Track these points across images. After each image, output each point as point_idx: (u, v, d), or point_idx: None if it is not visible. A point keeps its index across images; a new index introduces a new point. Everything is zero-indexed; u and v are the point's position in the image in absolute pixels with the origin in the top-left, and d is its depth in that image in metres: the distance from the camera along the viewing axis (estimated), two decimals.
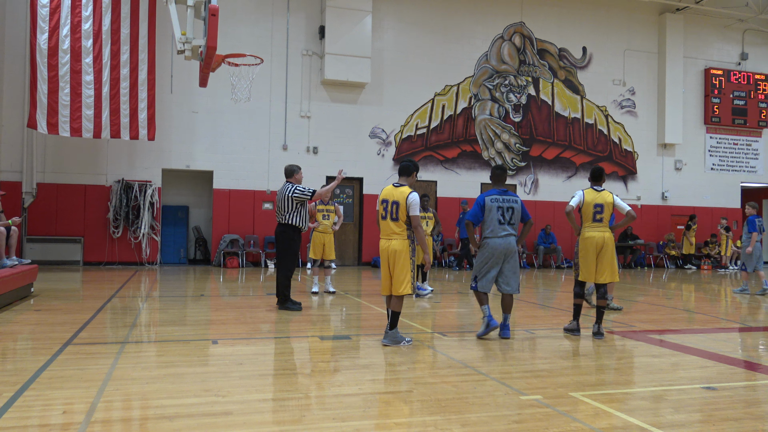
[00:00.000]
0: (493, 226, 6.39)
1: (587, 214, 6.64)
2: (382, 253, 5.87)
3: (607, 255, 6.56)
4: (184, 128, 16.20)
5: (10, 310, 7.67)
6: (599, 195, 6.66)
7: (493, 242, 6.38)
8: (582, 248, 6.64)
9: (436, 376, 4.76)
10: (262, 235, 16.56)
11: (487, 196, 6.49)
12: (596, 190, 6.72)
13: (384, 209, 5.86)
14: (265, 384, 4.44)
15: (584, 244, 6.61)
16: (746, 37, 21.71)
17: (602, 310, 6.65)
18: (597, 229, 6.59)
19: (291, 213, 8.07)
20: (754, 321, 8.51)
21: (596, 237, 6.55)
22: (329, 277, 10.31)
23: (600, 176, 6.80)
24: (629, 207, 6.75)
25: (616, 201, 6.73)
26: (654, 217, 20.41)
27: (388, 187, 5.97)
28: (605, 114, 20.07)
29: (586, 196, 6.65)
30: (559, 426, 3.59)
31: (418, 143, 18.09)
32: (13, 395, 3.96)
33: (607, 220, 6.65)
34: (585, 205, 6.63)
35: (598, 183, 6.79)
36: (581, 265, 6.64)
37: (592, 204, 6.61)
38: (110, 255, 15.56)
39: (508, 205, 6.42)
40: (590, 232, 6.59)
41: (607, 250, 6.56)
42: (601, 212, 6.60)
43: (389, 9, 17.87)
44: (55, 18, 13.90)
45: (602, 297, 6.66)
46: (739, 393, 4.52)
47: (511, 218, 6.42)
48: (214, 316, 7.96)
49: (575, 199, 6.67)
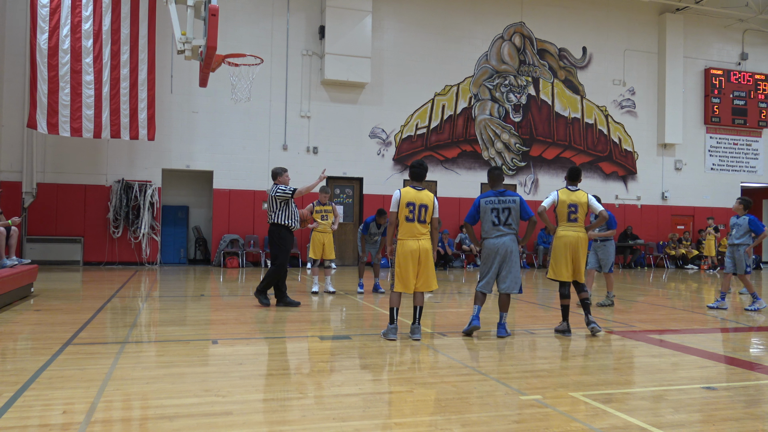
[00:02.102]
0: (487, 227, 6.48)
1: (562, 214, 6.75)
2: (412, 253, 6.05)
3: (581, 254, 6.67)
4: (184, 128, 16.20)
5: (10, 310, 7.67)
6: (574, 195, 6.76)
7: (488, 243, 6.49)
8: (555, 247, 6.74)
9: (436, 376, 4.76)
10: (262, 235, 16.56)
11: (483, 198, 6.56)
12: (571, 190, 6.81)
13: (410, 212, 6.05)
14: (265, 384, 4.44)
15: (558, 243, 6.72)
16: (746, 37, 21.71)
17: (587, 302, 6.78)
18: (572, 229, 6.71)
19: (278, 212, 8.44)
20: (754, 321, 8.51)
21: (570, 236, 6.66)
22: (329, 277, 10.33)
23: (577, 176, 6.89)
24: (602, 207, 6.80)
25: (590, 201, 6.80)
26: (654, 217, 20.42)
27: (410, 191, 6.15)
28: (605, 114, 20.08)
29: (561, 196, 6.75)
30: (559, 426, 3.59)
31: (418, 143, 18.09)
32: (13, 395, 3.96)
33: (582, 219, 6.76)
34: (559, 205, 6.74)
35: (574, 183, 6.87)
36: (553, 263, 6.74)
37: (567, 204, 6.71)
38: (110, 255, 15.56)
39: (504, 206, 6.45)
40: (564, 231, 6.70)
41: (580, 250, 6.66)
42: (575, 212, 6.70)
43: (389, 9, 17.87)
44: (55, 18, 13.90)
45: (583, 290, 6.79)
46: (739, 393, 4.52)
47: (507, 219, 6.45)
48: (214, 316, 7.96)
49: (549, 200, 6.78)
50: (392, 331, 6.16)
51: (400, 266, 6.09)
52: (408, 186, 6.24)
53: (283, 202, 8.42)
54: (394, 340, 6.08)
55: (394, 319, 6.19)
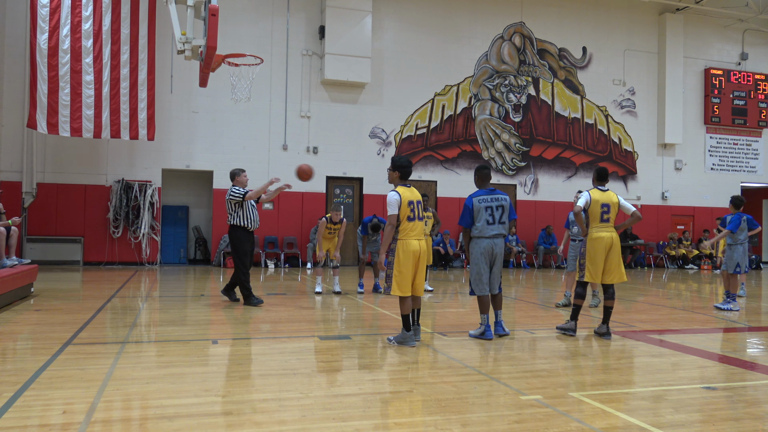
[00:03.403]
0: (481, 226, 6.34)
1: (595, 215, 6.58)
2: (414, 253, 5.81)
3: (615, 255, 6.54)
4: (184, 128, 16.20)
5: (10, 310, 7.67)
6: (605, 195, 6.62)
7: (483, 242, 6.34)
8: (591, 249, 6.56)
9: (436, 376, 4.76)
10: (262, 236, 16.56)
11: (475, 197, 6.42)
12: (602, 190, 6.67)
13: (412, 210, 5.85)
14: (265, 384, 4.44)
15: (593, 244, 6.54)
16: (746, 37, 21.71)
17: (610, 310, 6.63)
18: (605, 230, 6.55)
19: (233, 214, 8.64)
20: (754, 321, 8.51)
21: (605, 237, 6.51)
22: (337, 277, 10.47)
23: (605, 176, 6.75)
24: (634, 207, 6.68)
25: (621, 201, 6.68)
26: (654, 217, 20.41)
27: (406, 189, 5.92)
28: (605, 114, 20.07)
29: (593, 196, 6.59)
30: (559, 426, 3.59)
31: (418, 143, 18.09)
32: (13, 395, 3.96)
33: (614, 220, 6.63)
34: (593, 205, 6.56)
35: (603, 183, 6.74)
36: (589, 266, 6.56)
37: (600, 204, 6.56)
38: (110, 255, 15.56)
39: (498, 204, 6.38)
40: (599, 233, 6.54)
41: (615, 251, 6.54)
42: (608, 212, 6.56)
43: (389, 9, 17.87)
44: (55, 18, 13.90)
45: (611, 297, 6.63)
46: (739, 393, 4.52)
47: (501, 217, 6.38)
48: (214, 316, 7.96)
49: (582, 200, 6.60)
50: (410, 339, 5.87)
51: (402, 268, 5.76)
52: (400, 186, 5.96)
53: (236, 204, 8.56)
54: (414, 346, 5.85)
55: (410, 326, 5.91)
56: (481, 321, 6.36)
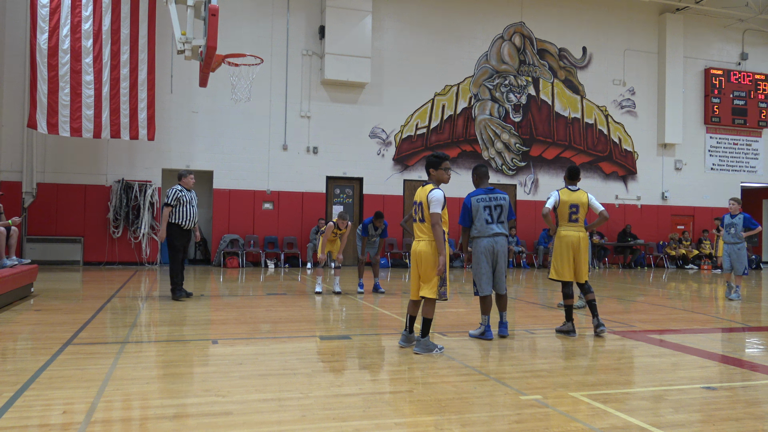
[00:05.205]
0: (480, 225, 6.31)
1: (563, 215, 6.71)
2: (413, 255, 5.59)
3: (582, 254, 6.66)
4: (183, 128, 16.20)
5: (10, 310, 7.67)
6: (574, 195, 6.73)
7: (483, 242, 6.31)
8: (557, 246, 6.71)
9: (436, 376, 4.76)
10: (262, 235, 16.56)
11: (473, 196, 6.38)
12: (571, 190, 6.77)
13: (413, 211, 5.68)
14: (265, 384, 4.43)
15: (559, 242, 6.69)
16: (746, 37, 21.71)
17: (593, 303, 6.69)
18: (573, 229, 6.69)
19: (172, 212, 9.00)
20: (754, 321, 8.51)
21: (572, 236, 6.64)
22: (338, 277, 10.46)
23: (576, 176, 6.85)
24: (602, 207, 6.74)
25: (591, 201, 6.76)
26: (654, 217, 20.42)
27: (419, 188, 5.67)
28: (605, 114, 20.08)
29: (562, 197, 6.71)
30: (559, 426, 3.59)
31: (418, 143, 18.09)
32: (13, 395, 3.96)
33: (582, 219, 6.75)
34: (561, 205, 6.69)
35: (574, 183, 6.83)
36: (555, 264, 6.71)
37: (568, 204, 6.68)
38: (110, 255, 15.56)
39: (496, 203, 6.35)
40: (566, 232, 6.68)
41: (582, 250, 6.66)
42: (576, 212, 6.68)
43: (389, 9, 17.87)
44: (55, 18, 13.90)
45: (589, 290, 6.74)
46: (739, 393, 4.52)
47: (499, 216, 6.35)
48: (214, 316, 7.96)
49: (551, 200, 6.72)
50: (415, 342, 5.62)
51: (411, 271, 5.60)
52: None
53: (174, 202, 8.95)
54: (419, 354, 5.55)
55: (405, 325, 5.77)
56: (482, 321, 6.35)
